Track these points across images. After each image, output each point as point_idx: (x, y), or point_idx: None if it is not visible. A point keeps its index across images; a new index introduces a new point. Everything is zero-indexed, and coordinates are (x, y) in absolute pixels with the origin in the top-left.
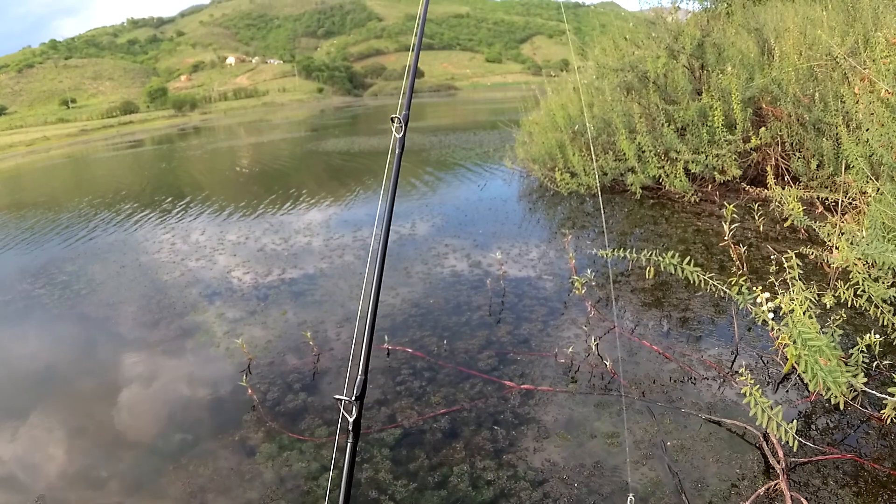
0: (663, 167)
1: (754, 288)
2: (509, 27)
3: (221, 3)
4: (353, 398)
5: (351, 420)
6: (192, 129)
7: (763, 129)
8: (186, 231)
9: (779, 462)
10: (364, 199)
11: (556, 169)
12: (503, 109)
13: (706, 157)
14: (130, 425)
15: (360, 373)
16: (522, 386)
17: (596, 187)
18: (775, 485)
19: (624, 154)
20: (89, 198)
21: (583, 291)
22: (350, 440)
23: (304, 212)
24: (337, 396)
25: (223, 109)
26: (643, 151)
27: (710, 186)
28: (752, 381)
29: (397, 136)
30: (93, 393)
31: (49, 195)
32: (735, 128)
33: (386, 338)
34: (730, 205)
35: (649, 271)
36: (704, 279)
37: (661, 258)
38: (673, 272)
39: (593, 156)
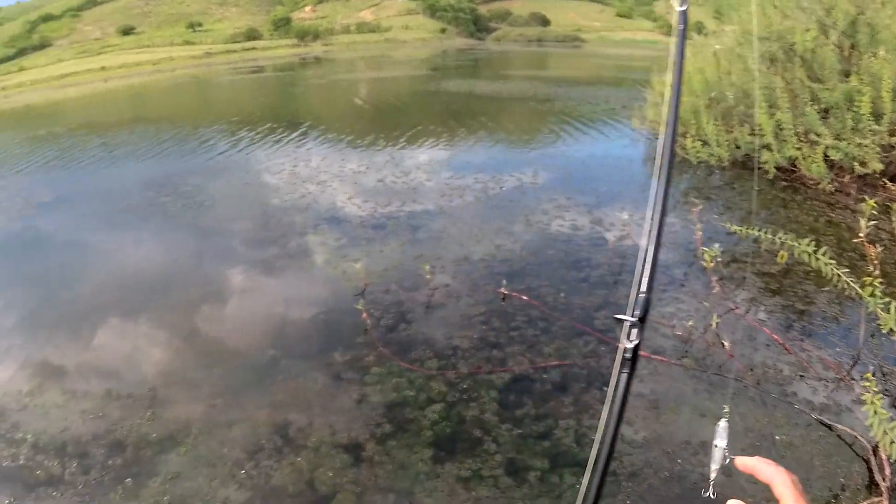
0: (801, 149)
1: (886, 294)
2: None
3: None
4: (637, 319)
5: (630, 346)
6: (314, 60)
7: None
8: (307, 157)
9: (884, 479)
10: (484, 143)
11: (688, 135)
12: (630, 67)
13: (848, 144)
14: (244, 336)
15: (643, 290)
16: None
17: (728, 160)
18: (878, 502)
19: (760, 129)
20: (211, 118)
21: (711, 265)
22: (626, 370)
23: (424, 149)
24: (619, 316)
25: (345, 42)
26: (781, 129)
27: (847, 177)
28: (875, 390)
29: (679, 7)
30: (208, 301)
31: (172, 113)
32: (882, 118)
33: (504, 282)
34: (868, 200)
35: (781, 256)
36: (838, 274)
37: (796, 244)
38: (806, 260)
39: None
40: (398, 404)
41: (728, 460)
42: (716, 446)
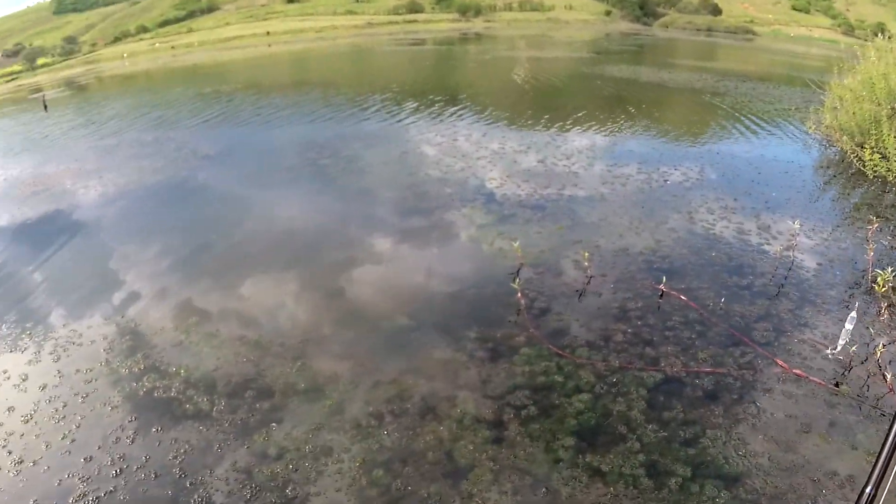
0: None
1: None
2: None
3: None
4: None
5: None
6: (474, 36)
7: None
8: (466, 131)
9: None
10: (648, 132)
11: (866, 146)
12: (805, 66)
13: None
14: (394, 301)
15: None
16: (794, 370)
17: None
18: None
19: None
20: (371, 87)
21: (883, 290)
22: None
23: (585, 133)
24: None
25: (506, 20)
26: None
27: None
28: None
29: None
30: (359, 263)
31: (334, 80)
32: None
33: (663, 279)
34: None
35: None
36: None
37: None
38: None
39: None
40: (545, 388)
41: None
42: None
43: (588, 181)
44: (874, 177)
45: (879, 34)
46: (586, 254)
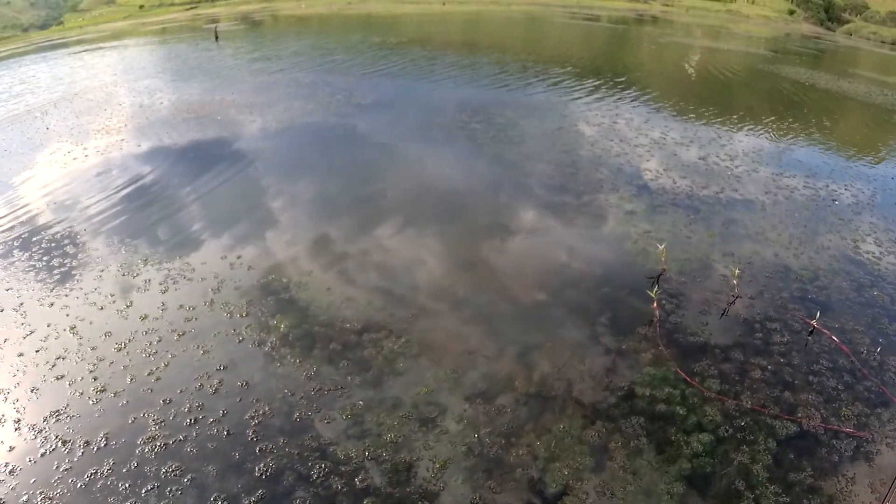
0: None
1: None
2: None
3: None
4: None
5: None
6: (650, 18)
7: None
8: (627, 115)
9: None
10: (820, 144)
11: None
12: None
13: None
14: (533, 277)
15: None
16: None
17: None
18: None
19: None
20: (537, 57)
21: None
22: None
23: (753, 134)
24: None
25: (686, 6)
26: None
27: None
28: None
29: None
30: (495, 232)
31: (502, 44)
32: None
33: (818, 314)
34: None
35: None
36: None
37: None
38: None
39: None
40: (663, 418)
41: None
42: None
43: (749, 187)
44: None
45: None
46: (736, 270)
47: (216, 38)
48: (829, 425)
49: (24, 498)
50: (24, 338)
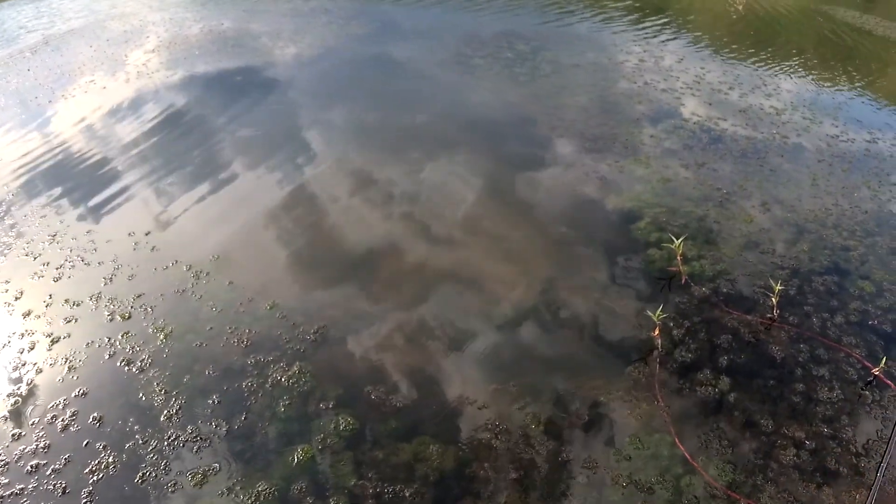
0: None
1: None
2: None
3: None
4: None
5: None
6: None
7: None
8: (660, 53)
9: None
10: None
11: None
12: None
13: None
14: (558, 209)
15: None
16: None
17: None
18: None
19: None
20: None
21: None
22: None
23: (805, 82)
24: None
25: None
26: None
27: None
28: None
29: None
30: (526, 164)
31: None
32: None
33: (884, 360)
34: None
35: None
36: None
37: None
38: None
39: None
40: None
41: None
42: None
43: (802, 154)
44: None
45: None
46: (778, 287)
47: None
48: None
49: None
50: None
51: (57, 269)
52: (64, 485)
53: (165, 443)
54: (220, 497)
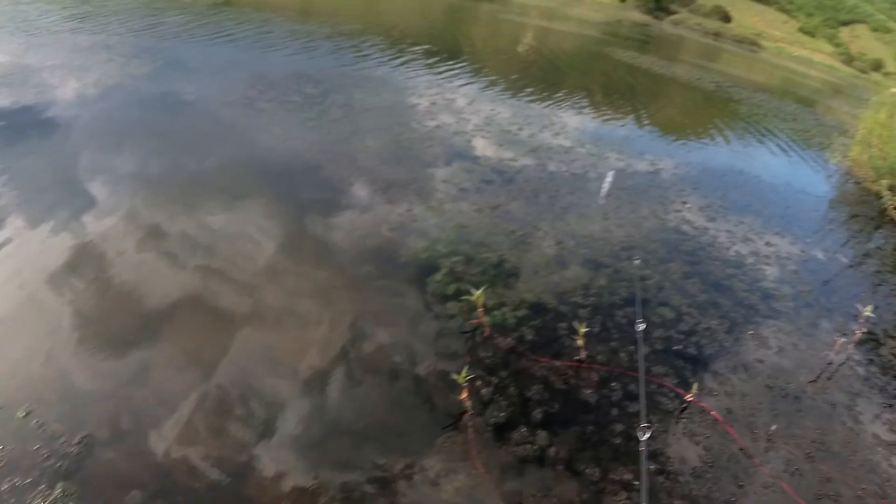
0: None
1: None
2: (836, 3)
3: None
4: None
5: None
6: None
7: None
8: (453, 95)
9: None
10: (657, 126)
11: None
12: (802, 84)
13: None
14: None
15: None
16: None
17: None
18: None
19: None
20: (374, 27)
21: None
22: None
23: (588, 120)
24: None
25: None
26: None
27: None
28: None
29: None
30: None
31: (337, 12)
32: None
33: (695, 386)
34: None
35: None
36: None
37: None
38: None
39: None
40: None
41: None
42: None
43: (588, 192)
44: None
45: (876, 70)
46: (583, 328)
47: None
48: None
49: None
50: None
51: None
52: None
53: None
54: None
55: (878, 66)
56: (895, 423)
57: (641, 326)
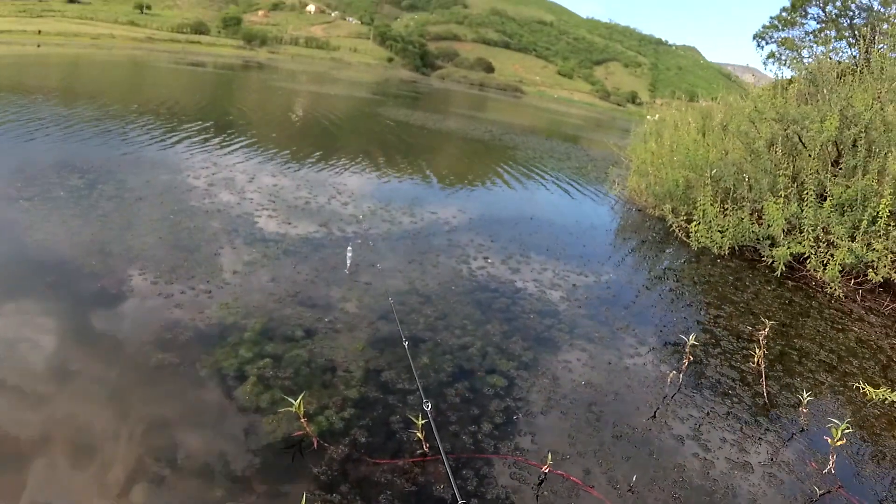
0: (818, 248)
1: None
2: (588, 46)
3: None
4: None
5: None
6: (256, 65)
7: None
8: (230, 173)
9: None
10: (435, 177)
11: (694, 219)
12: (566, 123)
13: (863, 248)
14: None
15: None
16: None
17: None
18: None
19: (763, 218)
20: (141, 104)
21: None
22: None
23: (373, 183)
24: None
25: (291, 53)
26: (792, 225)
27: (853, 282)
28: None
29: None
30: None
31: (103, 90)
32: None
33: (547, 455)
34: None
35: None
36: None
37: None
38: None
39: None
40: None
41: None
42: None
43: (392, 258)
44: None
45: (631, 102)
46: (420, 420)
47: None
48: None
49: None
50: None
51: None
52: None
53: None
54: None
55: (633, 97)
56: (741, 443)
57: (427, 407)
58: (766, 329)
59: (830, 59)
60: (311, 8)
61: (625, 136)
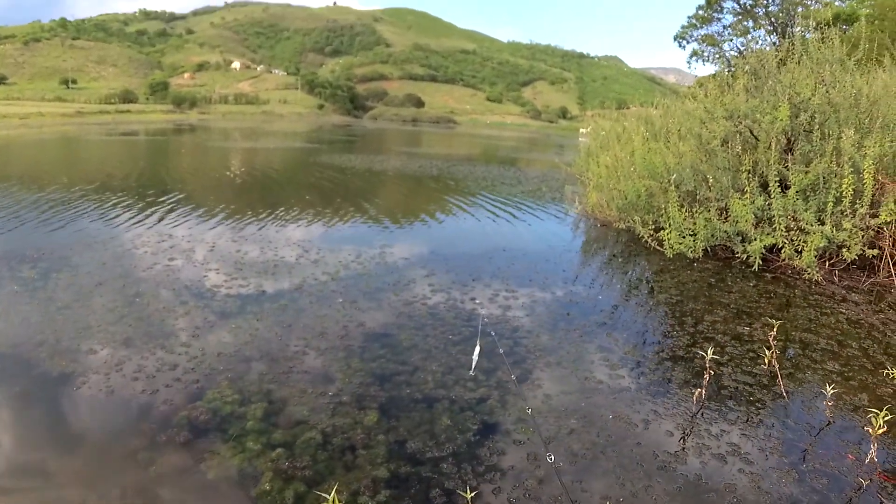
0: (789, 237)
1: None
2: (513, 69)
3: (234, 8)
4: None
5: None
6: (189, 127)
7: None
8: (183, 229)
9: None
10: (381, 218)
11: (665, 227)
12: (503, 146)
13: (833, 230)
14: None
15: None
16: None
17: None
18: None
19: (729, 215)
20: (75, 181)
21: None
22: None
23: (314, 230)
24: None
25: (222, 112)
26: (761, 218)
27: (827, 264)
28: None
29: None
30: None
31: (38, 173)
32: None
33: None
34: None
35: None
36: None
37: None
38: None
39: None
40: None
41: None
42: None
43: (331, 305)
44: (651, 244)
45: (562, 117)
46: (469, 494)
47: None
48: None
49: None
50: None
51: None
52: None
53: None
54: None
55: (563, 112)
56: (779, 448)
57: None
58: (774, 330)
59: (752, 49)
60: (236, 65)
61: (561, 152)
